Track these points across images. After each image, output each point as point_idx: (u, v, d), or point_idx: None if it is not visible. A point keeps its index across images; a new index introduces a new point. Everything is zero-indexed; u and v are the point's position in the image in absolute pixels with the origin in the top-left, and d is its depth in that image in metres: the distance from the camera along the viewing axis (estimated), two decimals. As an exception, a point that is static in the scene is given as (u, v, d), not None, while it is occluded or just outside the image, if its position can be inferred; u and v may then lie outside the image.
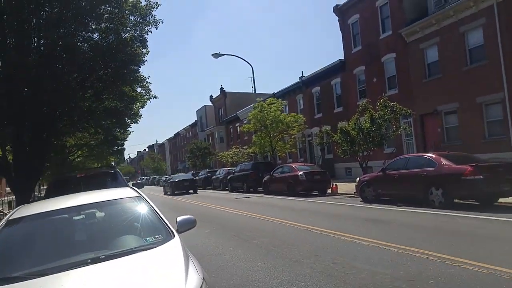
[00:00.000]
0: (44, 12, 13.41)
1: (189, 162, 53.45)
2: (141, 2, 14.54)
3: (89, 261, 3.03)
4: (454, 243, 6.39)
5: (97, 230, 3.91)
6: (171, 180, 31.16)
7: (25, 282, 2.82)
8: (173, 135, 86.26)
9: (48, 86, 12.85)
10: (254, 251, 7.02)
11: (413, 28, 20.52)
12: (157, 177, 68.41)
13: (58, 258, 3.22)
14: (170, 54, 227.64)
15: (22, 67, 11.82)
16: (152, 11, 14.63)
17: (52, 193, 9.28)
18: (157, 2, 14.70)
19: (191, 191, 28.43)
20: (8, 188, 23.22)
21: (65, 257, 3.22)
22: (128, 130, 24.35)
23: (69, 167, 26.03)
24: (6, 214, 13.16)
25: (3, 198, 25.17)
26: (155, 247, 3.30)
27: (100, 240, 3.67)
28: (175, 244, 3.36)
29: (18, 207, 4.40)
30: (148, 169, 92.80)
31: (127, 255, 3.14)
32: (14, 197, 17.60)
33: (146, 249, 3.25)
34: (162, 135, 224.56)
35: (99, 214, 4.01)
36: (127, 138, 26.74)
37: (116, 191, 4.68)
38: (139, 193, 4.32)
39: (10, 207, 20.57)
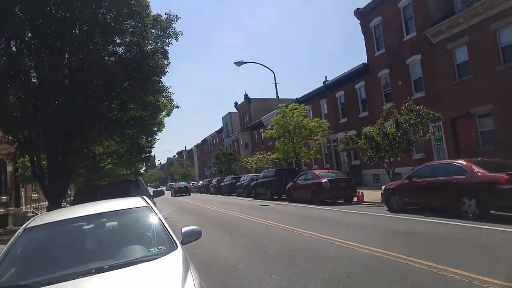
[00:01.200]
0: (75, 30, 14.19)
1: (215, 168, 53.76)
2: (161, 16, 15.20)
3: (93, 270, 3.12)
4: (486, 261, 5.91)
5: (104, 239, 4.07)
6: (174, 187, 46.71)
7: None
8: (200, 141, 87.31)
9: (77, 98, 13.44)
10: (269, 261, 6.87)
11: (439, 28, 19.78)
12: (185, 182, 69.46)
13: (66, 267, 3.34)
14: (196, 63, 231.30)
15: (53, 82, 12.52)
16: (172, 24, 15.21)
17: (77, 201, 9.91)
18: (176, 15, 15.32)
19: (186, 194, 43.13)
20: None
21: (73, 266, 3.31)
22: (155, 138, 24.86)
23: (100, 174, 26.76)
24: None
25: (41, 203, 26.22)
26: (157, 258, 3.34)
27: (107, 249, 3.84)
28: (176, 255, 3.41)
29: (36, 216, 4.62)
30: (177, 175, 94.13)
31: (130, 265, 3.21)
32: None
33: (148, 260, 3.30)
34: (191, 142, 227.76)
35: (107, 223, 4.19)
36: (154, 146, 27.29)
37: (126, 201, 4.78)
38: (148, 203, 4.41)
39: (48, 211, 21.64)
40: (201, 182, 54.81)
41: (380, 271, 5.67)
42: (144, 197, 4.76)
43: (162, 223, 3.94)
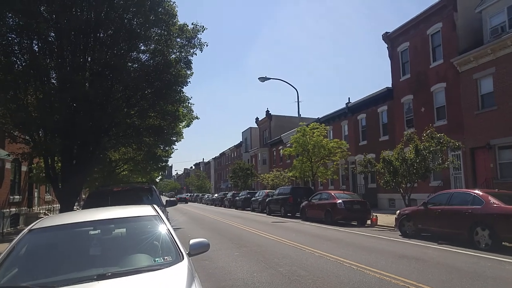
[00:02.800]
0: (100, 33, 14.27)
1: (231, 182, 53.88)
2: (187, 26, 15.08)
3: (95, 277, 3.07)
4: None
5: (110, 246, 3.97)
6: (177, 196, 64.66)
7: None
8: (218, 154, 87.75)
9: (96, 102, 13.48)
10: (277, 279, 6.87)
11: (467, 57, 19.67)
12: (200, 194, 69.78)
13: (69, 271, 3.30)
14: (221, 76, 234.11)
15: (73, 83, 12.55)
16: (198, 34, 15.10)
17: (88, 205, 9.66)
18: (203, 26, 15.22)
19: (184, 202, 57.05)
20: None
21: (76, 271, 3.29)
22: (172, 148, 24.98)
23: (115, 179, 27.00)
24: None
25: (54, 205, 26.62)
26: (162, 268, 3.28)
27: (112, 256, 3.71)
28: (182, 267, 3.32)
29: (42, 218, 4.55)
30: (192, 186, 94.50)
31: (133, 274, 3.15)
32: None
33: (153, 270, 3.25)
34: (209, 154, 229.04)
35: (114, 230, 4.09)
36: (171, 156, 27.38)
37: (136, 208, 4.71)
38: (158, 212, 4.31)
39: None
40: (216, 195, 55.00)
41: (388, 295, 5.64)
42: (155, 206, 4.66)
43: (170, 233, 3.87)
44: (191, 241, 4.00)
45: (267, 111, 54.64)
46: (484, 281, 6.54)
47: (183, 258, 3.49)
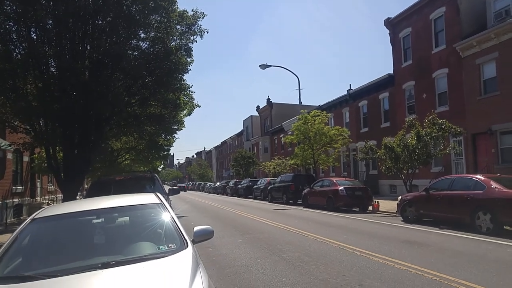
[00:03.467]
0: (98, 20, 14.06)
1: (233, 170, 54.01)
2: (187, 12, 14.84)
3: (100, 265, 3.06)
4: (496, 274, 5.86)
5: (114, 234, 3.95)
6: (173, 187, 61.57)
7: (33, 282, 2.87)
8: (220, 143, 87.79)
9: (96, 91, 13.33)
10: (281, 265, 6.88)
11: (470, 42, 19.49)
12: (203, 183, 70.11)
13: (72, 260, 3.28)
14: (222, 65, 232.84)
15: (73, 71, 12.43)
16: (198, 21, 14.86)
17: (91, 194, 9.66)
18: (203, 13, 14.97)
19: (183, 190, 56.27)
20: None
21: (79, 260, 3.27)
22: (174, 137, 24.93)
23: (117, 169, 27.02)
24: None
25: (57, 195, 26.74)
26: (166, 256, 3.26)
27: (116, 244, 3.70)
28: (186, 255, 3.30)
29: (45, 207, 4.54)
30: (194, 175, 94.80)
31: (137, 262, 3.14)
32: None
33: (157, 258, 3.23)
34: (210, 143, 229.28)
35: (118, 218, 4.07)
36: (172, 145, 27.32)
37: (139, 196, 4.69)
38: (161, 200, 4.29)
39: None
40: (218, 183, 55.18)
41: (392, 280, 5.64)
42: (158, 193, 4.62)
43: (174, 220, 3.84)
44: (195, 228, 3.99)
45: (268, 99, 54.47)
46: (486, 263, 6.57)
47: (187, 246, 3.47)
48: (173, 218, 3.91)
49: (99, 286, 2.84)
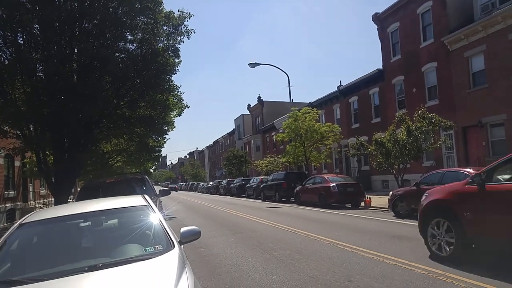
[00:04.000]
0: (85, 23, 13.99)
1: (225, 170, 53.92)
2: (174, 13, 14.84)
3: (86, 268, 3.08)
4: (490, 267, 5.84)
5: (101, 237, 4.00)
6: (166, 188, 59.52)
7: (19, 287, 2.87)
8: (212, 142, 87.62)
9: (84, 94, 13.27)
10: (272, 263, 6.87)
11: (457, 36, 19.59)
12: (195, 183, 69.90)
13: (59, 264, 3.30)
14: (211, 64, 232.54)
15: (60, 75, 12.33)
16: (185, 21, 14.89)
17: (81, 198, 9.62)
18: (189, 13, 15.01)
19: (174, 191, 58.23)
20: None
21: (67, 263, 3.30)
22: (164, 138, 24.82)
23: (109, 171, 26.83)
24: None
25: (50, 199, 26.52)
26: (153, 257, 3.29)
27: (103, 247, 3.74)
28: (172, 256, 3.33)
29: (33, 212, 4.54)
30: (187, 175, 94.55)
31: (124, 264, 3.16)
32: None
33: (143, 259, 3.25)
34: (203, 143, 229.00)
35: (105, 221, 4.13)
36: (163, 146, 27.19)
37: (126, 199, 4.73)
38: (148, 202, 4.35)
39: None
40: (211, 183, 55.06)
41: (382, 275, 5.64)
42: (145, 195, 4.66)
43: (161, 222, 3.89)
44: (182, 229, 4.01)
45: (259, 97, 54.44)
46: (478, 256, 6.56)
47: (174, 247, 3.50)
48: (160, 219, 3.96)
49: (87, 286, 2.86)
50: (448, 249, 6.14)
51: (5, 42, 13.48)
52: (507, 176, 5.56)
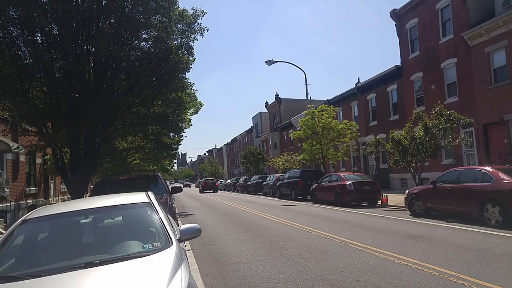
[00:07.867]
0: (101, 22, 14.18)
1: (243, 167, 54.03)
2: (187, 11, 14.90)
3: (83, 265, 3.10)
4: (500, 269, 5.69)
5: (102, 234, 4.02)
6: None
7: (16, 282, 2.92)
8: (230, 140, 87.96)
9: (99, 92, 13.46)
10: (281, 261, 6.84)
11: (478, 31, 19.06)
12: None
13: (58, 260, 3.34)
14: (230, 63, 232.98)
15: (76, 74, 12.56)
16: (198, 19, 14.92)
17: (94, 194, 9.92)
18: (203, 11, 15.05)
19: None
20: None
21: (65, 260, 3.32)
22: (181, 135, 25.03)
23: (126, 168, 27.25)
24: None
25: (69, 196, 27.10)
26: (150, 254, 3.31)
27: (103, 244, 3.76)
28: (169, 253, 3.34)
29: (37, 208, 4.61)
30: (206, 172, 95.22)
31: (121, 261, 3.17)
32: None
33: (141, 256, 3.27)
34: (222, 140, 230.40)
35: (106, 218, 4.17)
36: (180, 144, 27.43)
37: (129, 196, 4.74)
38: (150, 199, 4.36)
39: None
40: (229, 180, 55.26)
41: (391, 276, 5.53)
42: (149, 193, 4.70)
43: (161, 219, 3.91)
44: (182, 227, 4.04)
45: (277, 95, 54.32)
46: (490, 257, 6.39)
47: (171, 244, 3.51)
48: (160, 217, 3.98)
49: (79, 285, 2.86)
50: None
51: (24, 42, 13.77)
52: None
